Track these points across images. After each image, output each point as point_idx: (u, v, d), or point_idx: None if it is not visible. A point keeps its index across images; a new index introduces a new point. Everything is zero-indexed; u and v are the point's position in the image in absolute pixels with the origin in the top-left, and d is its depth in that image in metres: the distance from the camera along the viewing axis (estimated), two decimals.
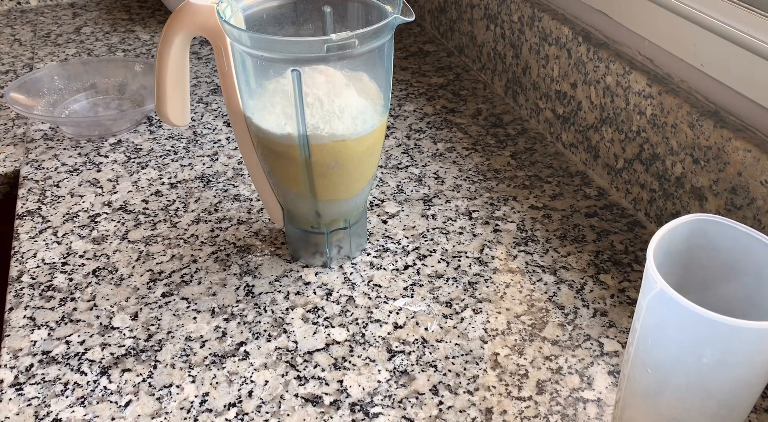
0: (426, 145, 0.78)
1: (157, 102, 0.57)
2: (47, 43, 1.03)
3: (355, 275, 0.60)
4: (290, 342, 0.54)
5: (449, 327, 0.55)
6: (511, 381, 0.51)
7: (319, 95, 0.51)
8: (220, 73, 0.55)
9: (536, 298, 0.58)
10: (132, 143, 0.79)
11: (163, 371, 0.52)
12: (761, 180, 0.52)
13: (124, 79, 0.87)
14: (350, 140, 0.52)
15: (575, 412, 0.48)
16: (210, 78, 0.92)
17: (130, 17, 1.12)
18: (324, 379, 0.51)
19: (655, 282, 0.37)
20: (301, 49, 0.48)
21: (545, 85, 0.78)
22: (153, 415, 0.48)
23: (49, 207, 0.69)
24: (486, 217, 0.67)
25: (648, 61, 0.66)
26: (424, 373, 0.51)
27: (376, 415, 0.48)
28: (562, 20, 0.74)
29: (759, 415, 0.49)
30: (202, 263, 0.62)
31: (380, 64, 0.53)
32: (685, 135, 0.59)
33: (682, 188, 0.61)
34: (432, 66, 0.96)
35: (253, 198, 0.70)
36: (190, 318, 0.56)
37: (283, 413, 0.49)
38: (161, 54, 0.54)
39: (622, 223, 0.67)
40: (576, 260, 0.62)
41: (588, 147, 0.73)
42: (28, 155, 0.77)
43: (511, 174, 0.74)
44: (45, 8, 1.16)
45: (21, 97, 0.80)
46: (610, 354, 0.53)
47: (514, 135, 0.80)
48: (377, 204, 0.69)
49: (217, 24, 0.51)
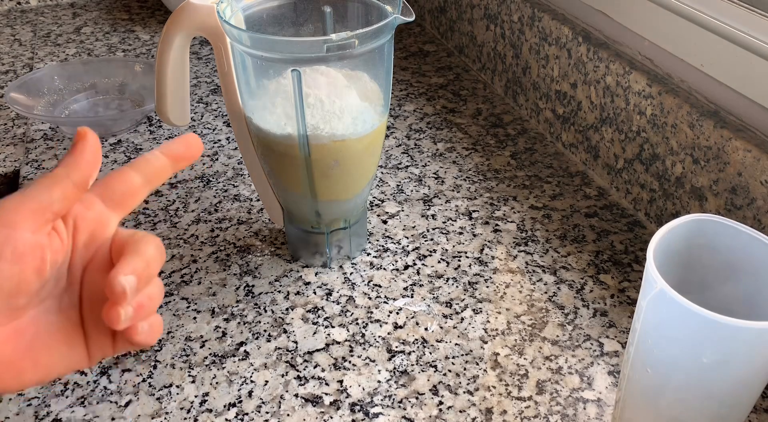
0: (426, 145, 0.78)
1: (157, 102, 0.57)
2: (47, 43, 1.03)
3: (355, 275, 0.60)
4: (290, 342, 0.54)
5: (449, 327, 0.55)
6: (511, 381, 0.51)
7: (320, 96, 0.51)
8: (220, 73, 0.55)
9: (536, 298, 0.58)
10: (132, 143, 0.79)
11: (163, 371, 0.52)
12: (761, 180, 0.52)
13: (124, 79, 0.87)
14: (350, 140, 0.52)
15: (575, 412, 0.48)
16: (210, 78, 0.92)
17: (130, 17, 1.12)
18: (324, 379, 0.51)
19: (655, 282, 0.37)
20: (301, 49, 0.48)
21: (545, 85, 0.78)
22: (153, 415, 0.48)
23: None
24: (486, 217, 0.67)
25: (648, 61, 0.66)
26: (424, 373, 0.51)
27: (376, 415, 0.48)
28: (562, 20, 0.74)
29: (759, 415, 0.49)
30: (202, 263, 0.62)
31: (380, 64, 0.53)
32: (685, 135, 0.59)
33: (682, 188, 0.61)
34: (432, 66, 0.96)
35: (253, 198, 0.70)
36: (190, 318, 0.56)
37: (283, 413, 0.49)
38: (161, 54, 0.54)
39: (622, 223, 0.67)
40: (576, 260, 0.62)
41: (588, 147, 0.73)
42: (28, 155, 0.77)
43: (511, 174, 0.74)
44: (45, 8, 1.16)
45: (21, 97, 0.80)
46: (610, 354, 0.53)
47: (514, 135, 0.80)
48: (377, 204, 0.69)
49: (217, 24, 0.51)
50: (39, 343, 0.31)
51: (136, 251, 0.31)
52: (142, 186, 0.33)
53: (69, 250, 0.32)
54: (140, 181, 0.33)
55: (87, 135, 0.31)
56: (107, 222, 0.33)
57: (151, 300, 0.32)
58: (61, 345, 0.32)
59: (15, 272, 0.29)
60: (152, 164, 0.34)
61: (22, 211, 0.29)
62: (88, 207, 0.32)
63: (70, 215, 0.32)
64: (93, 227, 0.32)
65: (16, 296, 0.29)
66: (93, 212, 0.32)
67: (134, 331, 0.31)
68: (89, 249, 0.32)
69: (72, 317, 0.32)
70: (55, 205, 0.30)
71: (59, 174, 0.30)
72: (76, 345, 0.32)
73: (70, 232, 0.31)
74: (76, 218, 0.32)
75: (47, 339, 0.31)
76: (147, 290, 0.31)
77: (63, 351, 0.32)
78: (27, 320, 0.31)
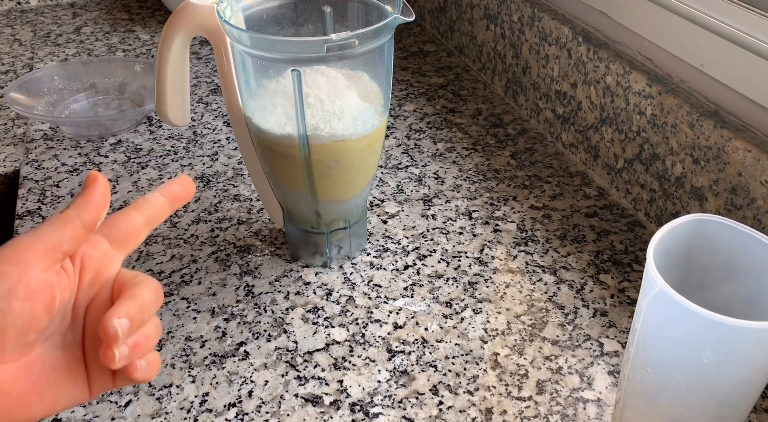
0: (426, 145, 0.78)
1: (157, 102, 0.57)
2: (47, 43, 1.03)
3: (355, 275, 0.60)
4: (290, 342, 0.54)
5: (449, 327, 0.55)
6: (511, 381, 0.51)
7: (320, 96, 0.51)
8: (220, 73, 0.55)
9: (536, 298, 0.58)
10: (132, 143, 0.79)
11: (163, 371, 0.52)
12: (761, 180, 0.52)
13: (124, 79, 0.87)
14: (350, 140, 0.52)
15: (575, 412, 0.48)
16: (210, 78, 0.92)
17: (130, 17, 1.12)
18: (324, 379, 0.51)
19: (655, 282, 0.37)
20: (301, 49, 0.48)
21: (545, 85, 0.78)
22: (153, 415, 0.48)
23: (49, 207, 0.69)
24: (486, 217, 0.67)
25: (648, 61, 0.66)
26: (424, 373, 0.51)
27: (376, 415, 0.48)
28: (562, 20, 0.74)
29: (759, 415, 0.49)
30: (202, 263, 0.62)
31: (380, 64, 0.53)
32: (685, 135, 0.59)
33: (682, 188, 0.61)
34: (432, 66, 0.96)
35: (253, 198, 0.70)
36: (190, 318, 0.56)
37: (283, 413, 0.49)
38: (161, 54, 0.54)
39: (622, 223, 0.67)
40: (576, 260, 0.62)
41: (588, 147, 0.73)
42: (28, 155, 0.77)
43: (511, 174, 0.74)
44: (45, 8, 1.16)
45: (21, 97, 0.80)
46: (610, 354, 0.53)
47: (514, 135, 0.80)
48: (377, 204, 0.69)
49: (217, 24, 0.51)
50: (45, 378, 0.32)
51: (132, 295, 0.32)
52: (144, 226, 0.35)
53: (75, 288, 0.33)
54: (142, 221, 0.35)
55: (98, 179, 0.33)
56: (111, 261, 0.34)
57: (147, 339, 0.33)
58: (65, 379, 0.33)
59: (27, 310, 0.30)
60: (153, 204, 0.35)
61: (34, 251, 0.30)
62: (94, 246, 0.33)
63: (77, 254, 0.33)
64: (98, 266, 0.34)
65: (27, 333, 0.30)
66: (99, 251, 0.34)
67: (133, 369, 0.33)
68: (93, 287, 0.34)
69: (75, 353, 0.33)
70: (66, 245, 0.31)
71: (70, 215, 0.32)
72: (79, 380, 0.34)
73: (77, 270, 0.33)
74: (83, 257, 0.33)
75: (52, 375, 0.32)
76: (143, 330, 0.33)
77: (67, 386, 0.33)
78: (34, 356, 0.32)
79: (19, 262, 0.30)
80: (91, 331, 0.33)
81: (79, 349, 0.34)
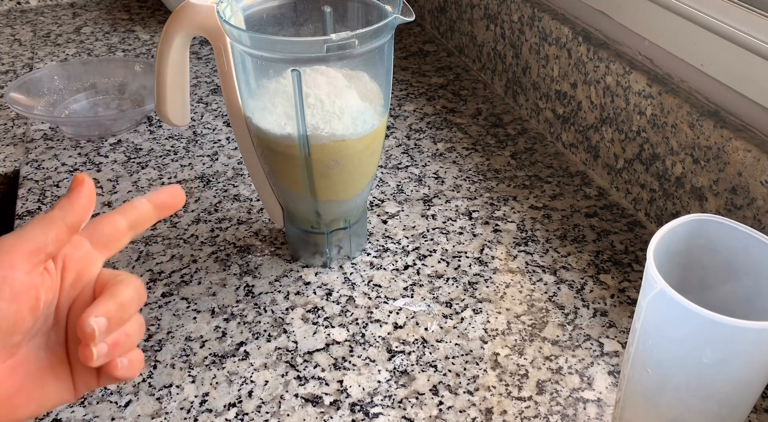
0: (426, 145, 0.78)
1: (157, 102, 0.57)
2: (47, 43, 1.03)
3: (355, 275, 0.60)
4: (290, 342, 0.54)
5: (449, 327, 0.55)
6: (511, 381, 0.51)
7: (320, 96, 0.51)
8: (220, 73, 0.55)
9: (536, 298, 0.58)
10: (132, 143, 0.79)
11: (163, 371, 0.52)
12: (761, 180, 0.52)
13: (124, 79, 0.87)
14: (350, 140, 0.52)
15: (575, 412, 0.48)
16: (210, 78, 0.92)
17: (130, 17, 1.12)
18: (324, 379, 0.51)
19: (655, 282, 0.37)
20: (301, 49, 0.48)
21: (545, 85, 0.78)
22: (153, 415, 0.48)
23: (48, 207, 0.68)
24: (486, 217, 0.67)
25: (648, 61, 0.66)
26: (424, 373, 0.51)
27: (376, 415, 0.48)
28: (562, 20, 0.74)
29: (759, 415, 0.49)
30: (202, 263, 0.62)
31: (380, 64, 0.53)
32: (685, 135, 0.59)
33: (682, 188, 0.61)
34: (432, 66, 0.96)
35: (253, 198, 0.70)
36: (190, 318, 0.56)
37: (283, 413, 0.49)
38: (161, 54, 0.54)
39: (622, 223, 0.67)
40: (576, 260, 0.62)
41: (588, 147, 0.73)
42: (28, 155, 0.77)
43: (511, 174, 0.74)
44: (45, 8, 1.16)
45: (21, 97, 0.80)
46: (610, 354, 0.53)
47: (514, 135, 0.80)
48: (377, 204, 0.69)
49: (217, 24, 0.51)
50: (31, 379, 0.32)
51: (112, 293, 0.33)
52: (127, 230, 0.35)
53: (58, 289, 0.33)
54: (125, 225, 0.35)
55: (84, 181, 0.33)
56: (93, 262, 0.34)
57: (128, 337, 0.33)
58: (50, 380, 0.33)
59: (12, 312, 0.30)
60: (138, 210, 0.35)
61: (18, 252, 0.30)
62: (76, 247, 0.34)
63: (59, 255, 0.33)
64: (80, 266, 0.34)
65: (13, 334, 0.31)
66: (80, 252, 0.34)
67: (113, 367, 0.33)
68: (75, 288, 0.34)
69: (58, 353, 0.34)
70: (50, 247, 0.31)
71: (54, 216, 0.32)
72: (64, 380, 0.34)
73: (59, 271, 0.33)
74: (65, 257, 0.33)
75: (38, 375, 0.33)
76: (124, 328, 0.33)
77: (53, 386, 0.33)
78: (20, 357, 0.32)
79: (3, 263, 0.30)
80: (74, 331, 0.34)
81: (63, 349, 0.34)
